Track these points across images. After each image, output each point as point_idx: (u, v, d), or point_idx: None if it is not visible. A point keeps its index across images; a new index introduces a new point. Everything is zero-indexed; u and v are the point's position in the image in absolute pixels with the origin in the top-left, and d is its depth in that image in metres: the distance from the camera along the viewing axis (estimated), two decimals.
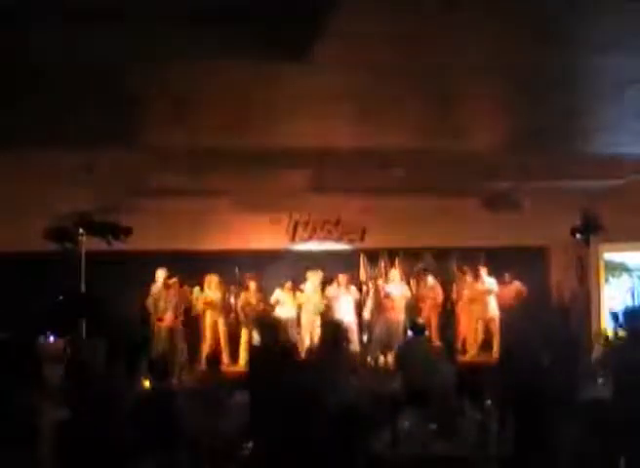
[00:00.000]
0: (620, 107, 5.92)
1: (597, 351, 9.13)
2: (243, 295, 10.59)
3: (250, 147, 6.84)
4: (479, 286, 10.95)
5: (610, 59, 4.55)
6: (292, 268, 11.04)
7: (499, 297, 10.89)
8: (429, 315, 10.92)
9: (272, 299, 10.60)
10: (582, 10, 3.76)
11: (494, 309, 10.80)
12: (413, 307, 10.88)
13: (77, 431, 4.43)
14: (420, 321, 7.77)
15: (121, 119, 5.89)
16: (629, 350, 5.53)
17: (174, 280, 10.31)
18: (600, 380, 6.81)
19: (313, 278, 10.74)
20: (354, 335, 10.11)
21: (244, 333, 10.47)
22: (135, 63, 4.44)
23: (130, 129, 6.25)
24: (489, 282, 10.91)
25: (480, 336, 10.90)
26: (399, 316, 10.49)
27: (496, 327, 10.75)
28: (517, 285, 10.97)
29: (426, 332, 8.05)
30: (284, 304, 10.55)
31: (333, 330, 5.94)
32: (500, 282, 11.02)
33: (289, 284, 10.70)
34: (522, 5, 3.71)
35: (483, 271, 11.01)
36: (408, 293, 10.92)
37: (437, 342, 10.44)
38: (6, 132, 6.06)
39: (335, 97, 5.32)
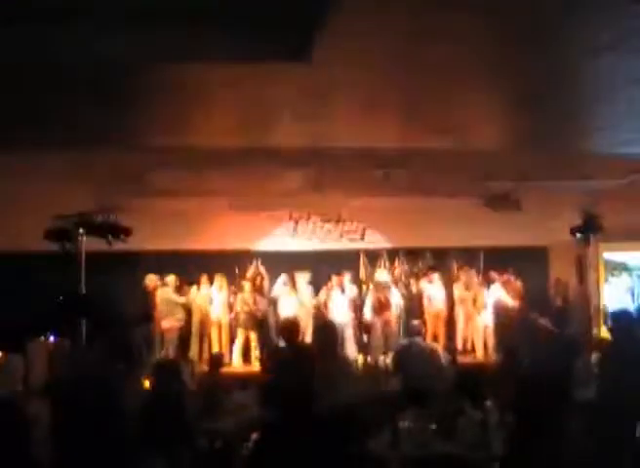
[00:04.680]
0: (620, 107, 5.92)
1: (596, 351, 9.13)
2: (239, 296, 10.60)
3: (250, 147, 6.83)
4: (479, 286, 10.94)
5: (610, 59, 4.55)
6: (292, 268, 11.04)
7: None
8: (436, 315, 10.96)
9: (272, 294, 10.58)
10: (582, 10, 3.76)
11: (489, 314, 10.81)
12: (416, 307, 10.89)
13: (78, 431, 4.43)
14: (416, 322, 7.78)
15: (121, 119, 5.89)
16: (614, 351, 5.56)
17: (175, 281, 10.36)
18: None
19: (301, 280, 10.73)
20: (350, 336, 10.15)
21: (240, 334, 10.48)
22: (134, 63, 4.44)
23: (130, 129, 6.25)
24: (495, 290, 10.89)
25: (479, 337, 10.92)
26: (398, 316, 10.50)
27: (491, 327, 10.76)
28: (515, 283, 10.98)
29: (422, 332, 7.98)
30: (283, 300, 10.55)
31: (325, 331, 5.93)
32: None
33: (288, 280, 10.72)
34: (522, 5, 3.71)
35: (490, 273, 11.00)
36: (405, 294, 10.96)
37: (436, 343, 10.43)
38: (6, 132, 6.06)
39: (335, 96, 5.32)
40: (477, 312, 10.92)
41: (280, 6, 3.76)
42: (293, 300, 10.59)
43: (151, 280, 10.25)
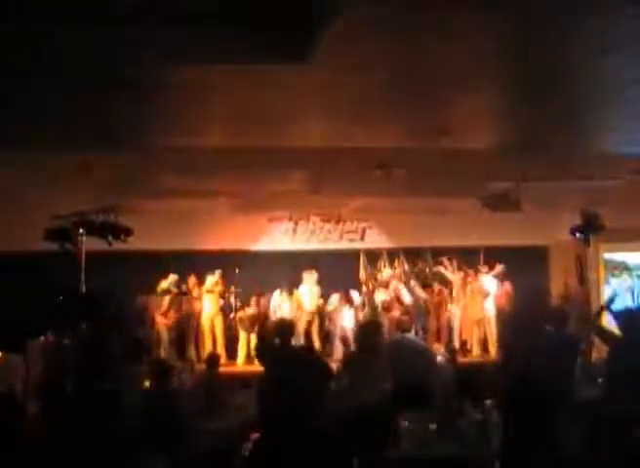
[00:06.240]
0: (620, 107, 5.92)
1: (597, 350, 9.14)
2: (246, 309, 10.63)
3: (250, 147, 6.84)
4: (476, 286, 10.97)
5: (610, 60, 4.55)
6: (292, 268, 11.04)
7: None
8: (438, 315, 10.97)
9: (272, 306, 10.58)
10: (582, 11, 3.76)
11: (489, 310, 10.83)
12: (420, 307, 10.90)
13: (77, 430, 4.43)
14: (405, 318, 7.77)
15: (121, 120, 5.89)
16: (623, 351, 5.55)
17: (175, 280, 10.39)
18: (600, 379, 6.82)
19: (308, 279, 10.74)
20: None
21: (242, 335, 10.51)
22: (135, 64, 4.44)
23: (130, 129, 6.25)
24: (487, 282, 10.92)
25: (478, 336, 10.94)
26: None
27: (491, 327, 10.78)
28: (506, 286, 11.00)
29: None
30: (282, 309, 10.57)
31: (369, 328, 6.07)
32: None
33: (286, 288, 10.73)
34: (522, 6, 3.72)
35: (482, 271, 11.03)
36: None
37: (438, 343, 10.45)
38: (6, 132, 6.07)
39: (334, 97, 5.32)
40: (473, 309, 10.96)
41: (280, 7, 3.77)
42: (291, 305, 10.62)
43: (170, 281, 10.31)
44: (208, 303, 10.56)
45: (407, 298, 10.74)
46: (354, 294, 10.91)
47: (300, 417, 4.09)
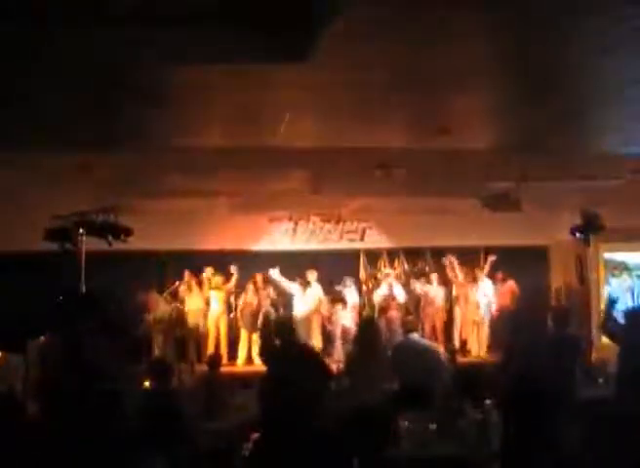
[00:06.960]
0: (620, 107, 5.92)
1: (597, 350, 9.16)
2: (242, 297, 10.62)
3: (250, 147, 6.84)
4: (472, 286, 10.98)
5: (610, 60, 4.55)
6: (292, 269, 11.04)
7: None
8: (437, 315, 10.99)
9: (290, 290, 10.62)
10: (582, 11, 3.77)
11: (484, 311, 10.84)
12: (417, 307, 10.91)
13: (77, 430, 4.43)
14: (410, 318, 7.75)
15: (121, 120, 5.89)
16: (627, 351, 5.55)
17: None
18: (600, 380, 6.83)
19: (310, 278, 10.75)
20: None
21: (243, 334, 10.51)
22: (135, 64, 4.44)
23: (129, 130, 6.25)
24: (482, 283, 10.93)
25: (475, 337, 10.95)
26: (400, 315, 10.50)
27: (485, 328, 10.80)
28: (510, 284, 11.01)
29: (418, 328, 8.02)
30: (298, 299, 10.58)
31: (369, 329, 6.08)
32: (494, 281, 11.09)
33: (300, 279, 10.79)
34: (522, 6, 3.72)
35: (478, 273, 11.04)
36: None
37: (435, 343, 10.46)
38: (6, 132, 6.07)
39: (334, 96, 5.32)
40: (469, 309, 10.97)
41: (280, 7, 3.77)
42: (307, 296, 10.67)
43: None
44: (214, 302, 10.55)
45: (401, 297, 10.72)
46: (348, 293, 10.87)
47: (300, 417, 4.09)
